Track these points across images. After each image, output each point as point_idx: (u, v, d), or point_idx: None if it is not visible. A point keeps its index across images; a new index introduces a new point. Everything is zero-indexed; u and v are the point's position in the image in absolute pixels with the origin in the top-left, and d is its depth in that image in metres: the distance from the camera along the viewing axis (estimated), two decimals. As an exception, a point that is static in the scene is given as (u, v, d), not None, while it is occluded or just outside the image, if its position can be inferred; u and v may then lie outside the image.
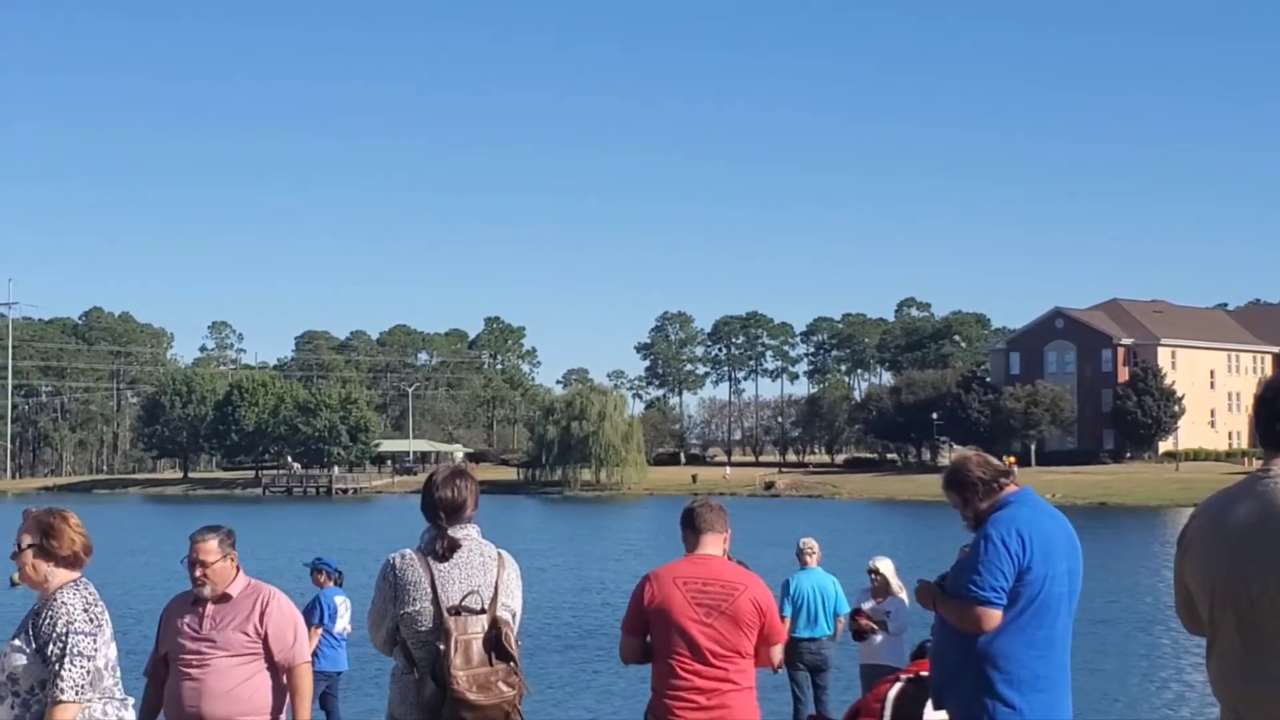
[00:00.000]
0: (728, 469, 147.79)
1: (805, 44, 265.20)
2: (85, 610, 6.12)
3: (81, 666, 6.01)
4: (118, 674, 6.28)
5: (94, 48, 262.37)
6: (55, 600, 6.14)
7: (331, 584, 15.50)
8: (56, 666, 6.01)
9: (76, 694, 6.00)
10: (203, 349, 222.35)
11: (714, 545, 7.39)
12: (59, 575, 6.23)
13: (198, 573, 7.40)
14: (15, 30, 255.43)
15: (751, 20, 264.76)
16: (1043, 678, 6.53)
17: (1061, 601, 6.63)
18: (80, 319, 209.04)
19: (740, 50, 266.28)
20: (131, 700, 6.45)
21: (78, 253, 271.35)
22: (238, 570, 7.52)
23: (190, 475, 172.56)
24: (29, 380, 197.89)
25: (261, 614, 7.40)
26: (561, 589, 39.38)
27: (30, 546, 6.22)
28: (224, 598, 7.44)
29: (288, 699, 7.57)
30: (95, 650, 6.07)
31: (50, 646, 6.05)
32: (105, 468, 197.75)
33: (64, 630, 6.04)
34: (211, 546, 7.44)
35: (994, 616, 6.47)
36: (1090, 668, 23.68)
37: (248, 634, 7.37)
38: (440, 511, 6.60)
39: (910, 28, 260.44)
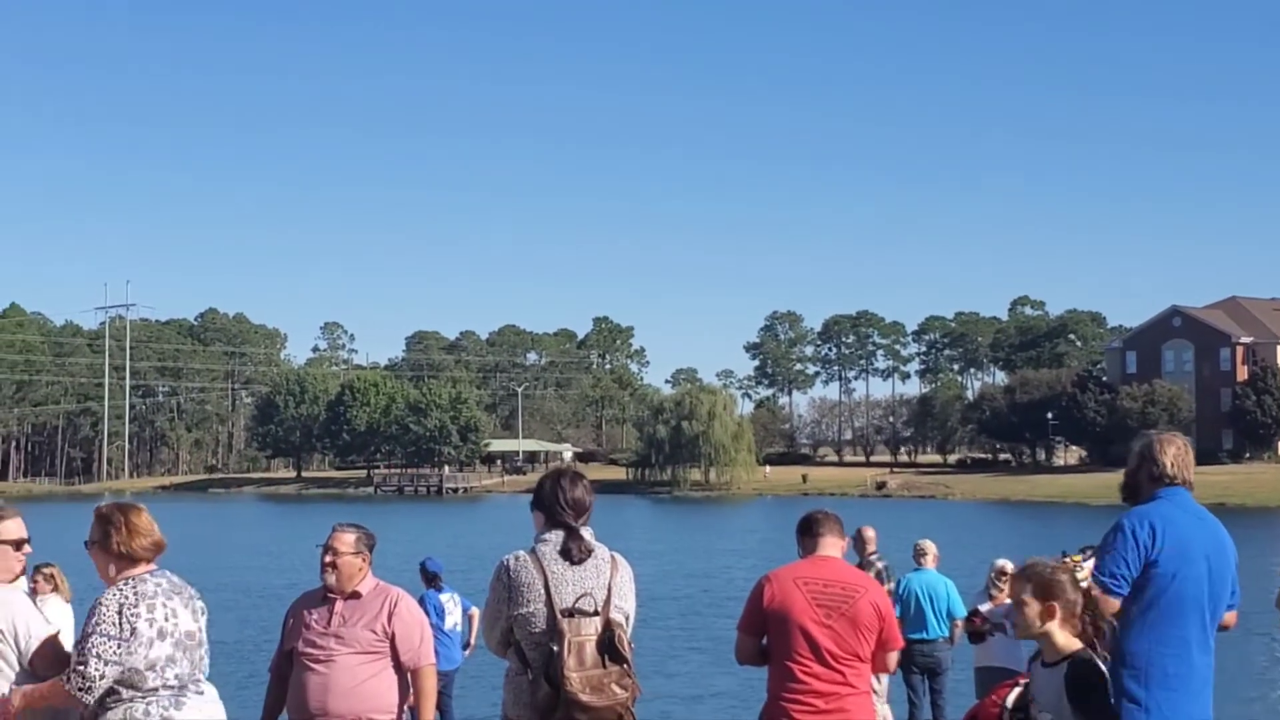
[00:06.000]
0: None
1: (914, 45, 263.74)
2: (120, 611, 6.19)
3: (95, 669, 6.08)
4: (169, 672, 6.28)
5: (208, 51, 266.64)
6: (99, 598, 6.26)
7: (433, 587, 15.51)
8: (74, 662, 6.12)
9: (84, 693, 6.07)
10: (315, 349, 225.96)
11: (833, 548, 7.29)
12: (119, 571, 6.35)
13: (328, 558, 7.52)
14: (126, 34, 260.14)
15: (865, 23, 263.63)
16: (1174, 676, 6.38)
17: (1199, 603, 6.48)
18: (196, 320, 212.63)
19: (849, 53, 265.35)
20: (200, 693, 6.39)
21: (193, 255, 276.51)
22: (366, 572, 7.58)
23: (303, 474, 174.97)
24: (146, 380, 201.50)
25: (390, 614, 7.46)
26: (674, 590, 39.29)
27: (93, 542, 6.39)
28: (354, 595, 7.51)
29: (407, 699, 7.61)
30: (117, 655, 6.11)
31: (80, 643, 6.19)
32: (220, 467, 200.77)
33: (90, 630, 6.15)
34: (348, 540, 7.56)
35: (1111, 604, 6.36)
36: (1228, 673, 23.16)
37: (375, 632, 7.42)
38: (572, 513, 6.57)
39: (1030, 28, 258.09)
